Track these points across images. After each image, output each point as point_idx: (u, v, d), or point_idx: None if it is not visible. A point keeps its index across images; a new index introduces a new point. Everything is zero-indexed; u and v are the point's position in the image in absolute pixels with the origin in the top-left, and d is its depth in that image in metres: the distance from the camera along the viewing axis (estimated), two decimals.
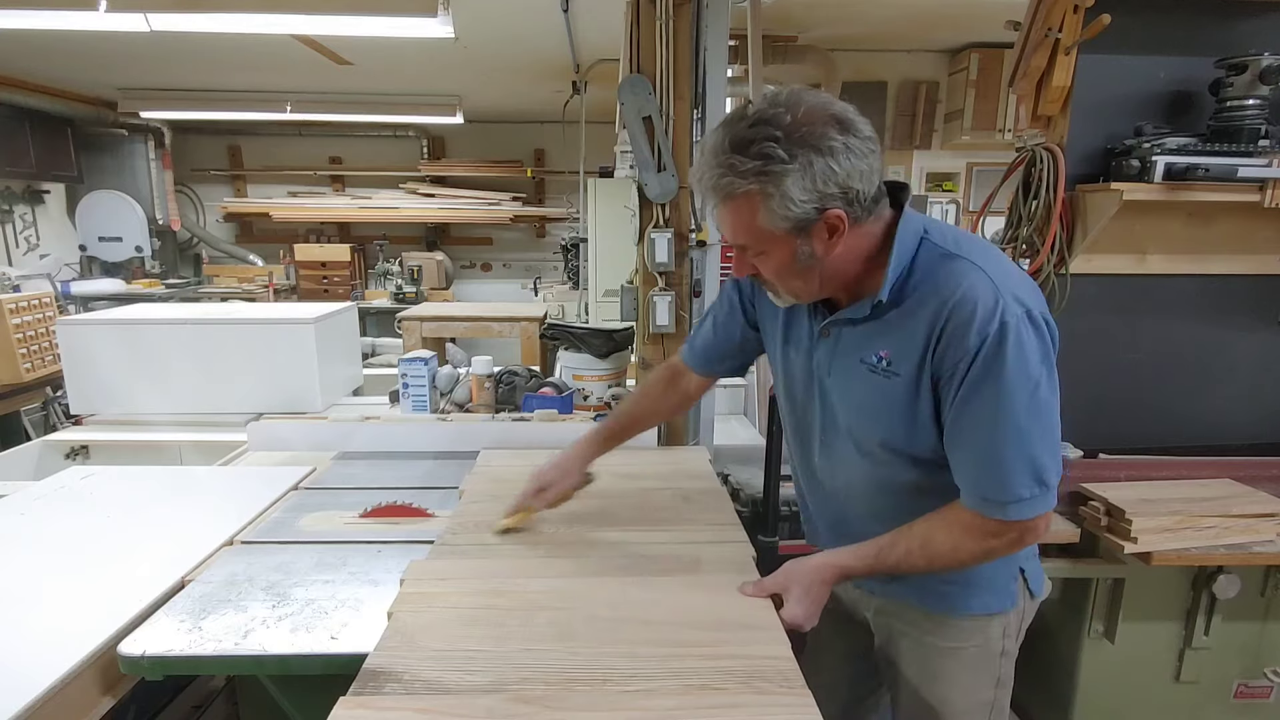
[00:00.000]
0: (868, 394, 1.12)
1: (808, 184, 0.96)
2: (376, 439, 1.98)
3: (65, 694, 1.02)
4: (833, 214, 0.99)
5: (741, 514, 1.53)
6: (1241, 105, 1.85)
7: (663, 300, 1.96)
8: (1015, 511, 1.03)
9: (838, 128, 0.97)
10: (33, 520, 1.55)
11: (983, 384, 0.99)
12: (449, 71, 4.77)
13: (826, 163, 0.96)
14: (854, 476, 1.22)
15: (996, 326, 0.97)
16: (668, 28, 1.83)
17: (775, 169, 0.96)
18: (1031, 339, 0.99)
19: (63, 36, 3.68)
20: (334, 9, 2.80)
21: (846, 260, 1.06)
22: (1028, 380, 0.98)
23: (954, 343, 1.00)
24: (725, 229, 1.07)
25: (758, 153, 0.96)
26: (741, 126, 0.98)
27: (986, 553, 1.08)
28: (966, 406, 1.02)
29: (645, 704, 0.92)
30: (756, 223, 1.00)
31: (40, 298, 3.19)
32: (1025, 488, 1.01)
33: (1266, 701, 1.99)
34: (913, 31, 4.11)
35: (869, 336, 1.10)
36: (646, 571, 1.26)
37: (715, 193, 1.02)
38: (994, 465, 1.01)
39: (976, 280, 1.00)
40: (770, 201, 0.98)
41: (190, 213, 6.84)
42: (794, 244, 1.02)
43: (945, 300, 1.01)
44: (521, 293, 7.03)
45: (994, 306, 0.98)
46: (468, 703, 0.92)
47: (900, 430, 1.10)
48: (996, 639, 1.25)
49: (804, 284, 1.09)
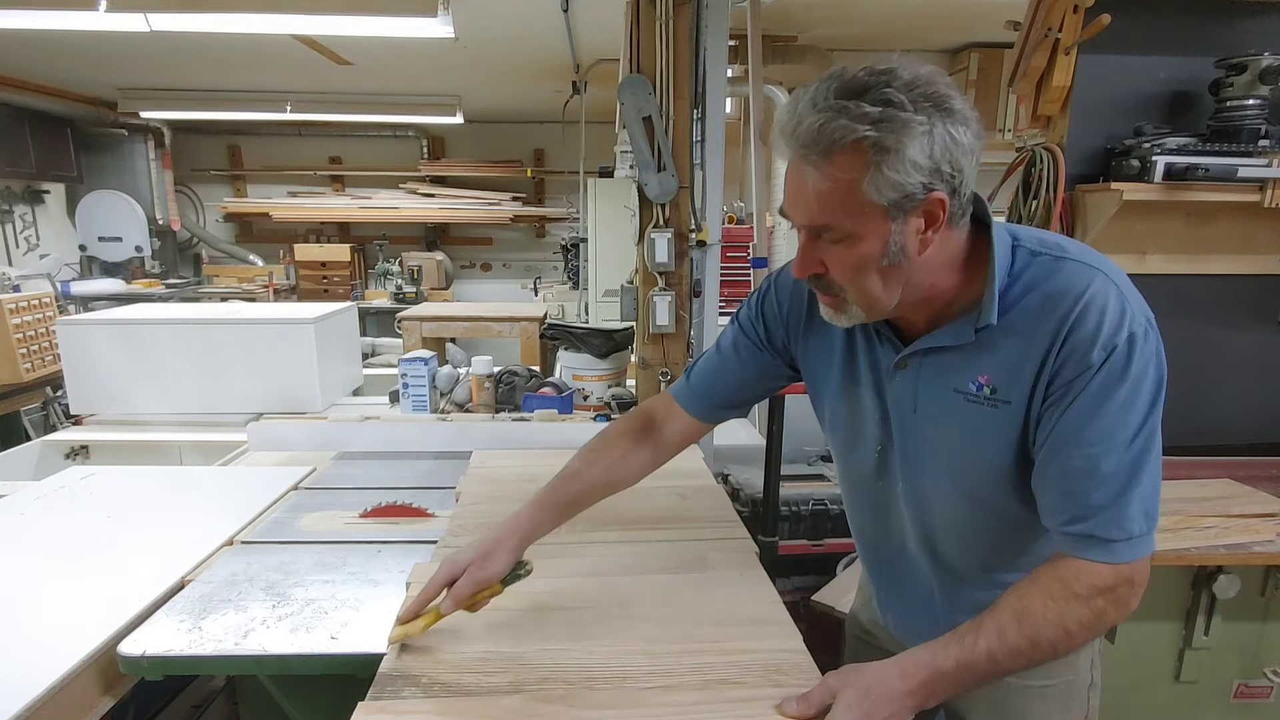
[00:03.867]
0: (971, 429, 0.94)
1: (928, 149, 0.80)
2: (376, 439, 1.98)
3: (65, 694, 1.02)
4: (936, 197, 0.83)
5: (742, 514, 1.53)
6: (1241, 105, 1.85)
7: (663, 300, 1.96)
8: (1126, 551, 0.85)
9: (959, 95, 0.83)
10: (33, 520, 1.55)
11: (1105, 403, 0.84)
12: (449, 71, 4.77)
13: (948, 130, 0.80)
14: (959, 527, 1.03)
15: (1125, 337, 0.83)
16: (668, 28, 1.83)
17: (902, 117, 0.78)
18: (1154, 352, 0.86)
19: (63, 36, 3.68)
20: (334, 9, 2.81)
21: (932, 268, 0.90)
22: (1149, 399, 0.85)
23: (1074, 357, 0.85)
24: (805, 200, 0.86)
25: (879, 98, 0.79)
26: (853, 76, 0.81)
27: (1097, 615, 0.86)
28: (1080, 429, 0.86)
29: (667, 700, 0.92)
30: (858, 190, 0.81)
31: (40, 298, 3.18)
32: (1137, 522, 0.86)
33: (1266, 701, 1.99)
34: (913, 31, 4.11)
35: (962, 362, 0.93)
36: (653, 570, 1.26)
37: (815, 144, 0.81)
38: (1110, 497, 0.85)
39: (1098, 285, 0.85)
40: (885, 160, 0.79)
41: (190, 213, 6.84)
42: (888, 230, 0.84)
43: (1065, 310, 0.85)
44: (521, 293, 7.03)
45: (1120, 315, 0.84)
46: (489, 704, 0.92)
47: (1015, 466, 0.93)
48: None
49: (884, 289, 0.89)
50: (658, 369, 2.01)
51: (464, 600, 1.04)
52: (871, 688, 0.85)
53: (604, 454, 1.21)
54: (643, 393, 2.06)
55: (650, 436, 1.22)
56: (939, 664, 0.85)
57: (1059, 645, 0.86)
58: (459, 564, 1.06)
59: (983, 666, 0.85)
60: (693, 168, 1.91)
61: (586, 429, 1.95)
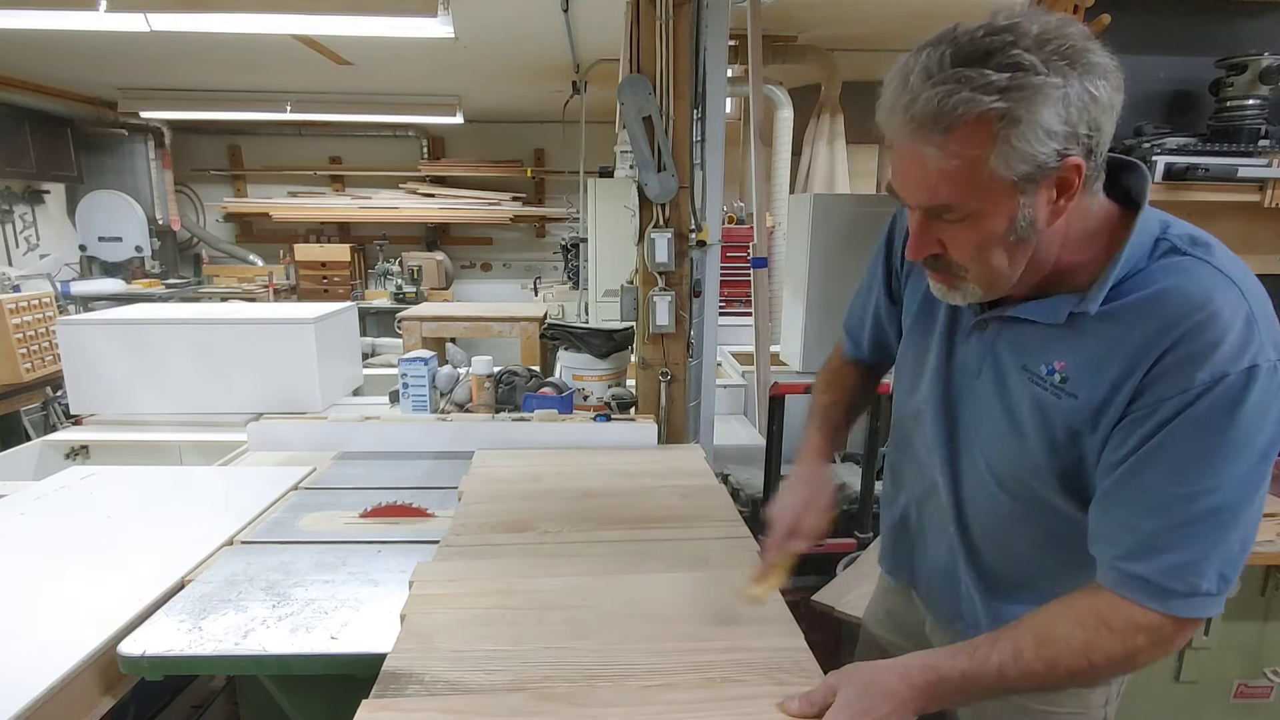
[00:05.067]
0: (1024, 412, 0.87)
1: (1063, 113, 0.71)
2: (376, 439, 1.98)
3: (65, 694, 1.02)
4: (1072, 163, 0.73)
5: (742, 514, 1.53)
6: (1241, 105, 1.85)
7: (663, 300, 1.96)
8: (1182, 606, 0.76)
9: (1095, 43, 0.73)
10: (33, 520, 1.55)
11: (1200, 434, 0.74)
12: (449, 71, 4.77)
13: (1086, 87, 0.71)
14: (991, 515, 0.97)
15: (1244, 367, 0.72)
16: (668, 28, 1.83)
17: (1035, 82, 0.70)
18: (1276, 395, 0.73)
19: (63, 36, 3.68)
20: (334, 9, 2.81)
21: (1060, 240, 0.80)
22: (1262, 447, 0.74)
23: (1174, 373, 0.74)
24: (924, 180, 0.77)
25: (1006, 63, 0.70)
26: (971, 37, 0.72)
27: (1128, 655, 0.79)
28: (1164, 457, 0.75)
29: (668, 698, 0.92)
30: (984, 166, 0.73)
31: (40, 298, 3.18)
32: (1210, 580, 0.76)
33: (1266, 701, 1.99)
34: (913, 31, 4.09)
35: (1044, 341, 0.85)
36: (654, 568, 1.27)
37: (933, 121, 0.72)
38: (1182, 543, 0.75)
39: (1229, 299, 0.74)
40: (1017, 131, 0.70)
41: (190, 213, 6.85)
42: (1016, 204, 0.75)
43: (1179, 315, 0.75)
44: (521, 293, 7.03)
45: (1245, 341, 0.72)
46: (492, 702, 0.92)
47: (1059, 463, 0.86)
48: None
49: (1009, 266, 0.80)
50: (658, 369, 2.01)
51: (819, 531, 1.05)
52: (871, 684, 0.83)
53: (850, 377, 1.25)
54: (643, 393, 2.06)
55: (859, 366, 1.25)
56: (944, 671, 0.81)
57: (1080, 675, 0.79)
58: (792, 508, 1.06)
59: (991, 681, 0.80)
60: (693, 168, 1.91)
61: (586, 429, 1.95)
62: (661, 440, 2.00)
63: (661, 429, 2.01)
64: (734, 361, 3.14)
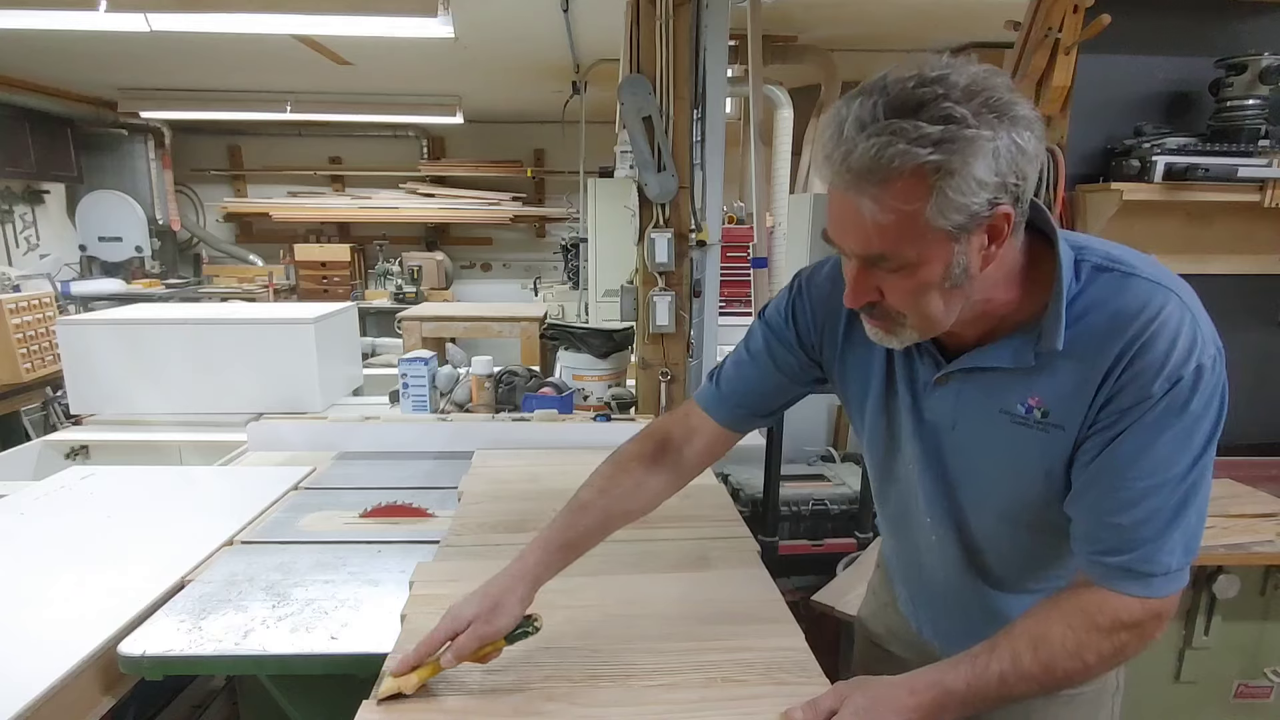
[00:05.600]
0: (1016, 452, 0.89)
1: (994, 165, 0.73)
2: (376, 439, 1.98)
3: (65, 694, 1.02)
4: (1001, 212, 0.76)
5: (742, 514, 1.53)
6: (1241, 105, 1.85)
7: (663, 300, 1.96)
8: (1163, 586, 0.83)
9: (1020, 96, 0.76)
10: (33, 520, 1.55)
11: (1160, 436, 0.80)
12: (449, 71, 4.77)
13: (1013, 138, 0.73)
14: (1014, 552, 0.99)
15: (1193, 369, 0.78)
16: (668, 28, 1.83)
17: (966, 134, 0.71)
18: (1218, 385, 0.81)
19: (63, 36, 3.67)
20: (334, 9, 2.80)
21: (991, 283, 0.84)
22: (1207, 435, 0.81)
23: (1134, 385, 0.80)
24: (860, 230, 0.78)
25: (939, 114, 0.71)
26: (903, 88, 0.73)
27: (1117, 649, 0.84)
28: (1131, 461, 0.82)
29: (670, 698, 0.93)
30: (920, 218, 0.74)
31: (40, 298, 3.19)
32: (1177, 557, 0.82)
33: (1266, 701, 1.99)
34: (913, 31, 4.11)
35: (1011, 381, 0.88)
36: (656, 568, 1.27)
37: (871, 173, 0.73)
38: (1154, 532, 0.82)
39: (1171, 308, 0.80)
40: (951, 183, 0.72)
41: (190, 213, 6.84)
42: (951, 252, 0.78)
43: (1134, 333, 0.80)
44: (521, 293, 7.02)
45: (1191, 345, 0.79)
46: (493, 702, 0.92)
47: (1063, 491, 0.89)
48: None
49: (944, 311, 0.83)
50: (658, 369, 2.01)
51: (467, 657, 0.93)
52: (879, 699, 0.84)
53: (616, 482, 1.10)
54: (643, 393, 2.06)
55: (667, 458, 1.12)
56: (948, 684, 0.84)
57: (1075, 676, 0.84)
58: (462, 618, 0.95)
59: (993, 690, 0.83)
60: (693, 168, 1.91)
61: (586, 429, 1.95)
62: None
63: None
64: None
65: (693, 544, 1.35)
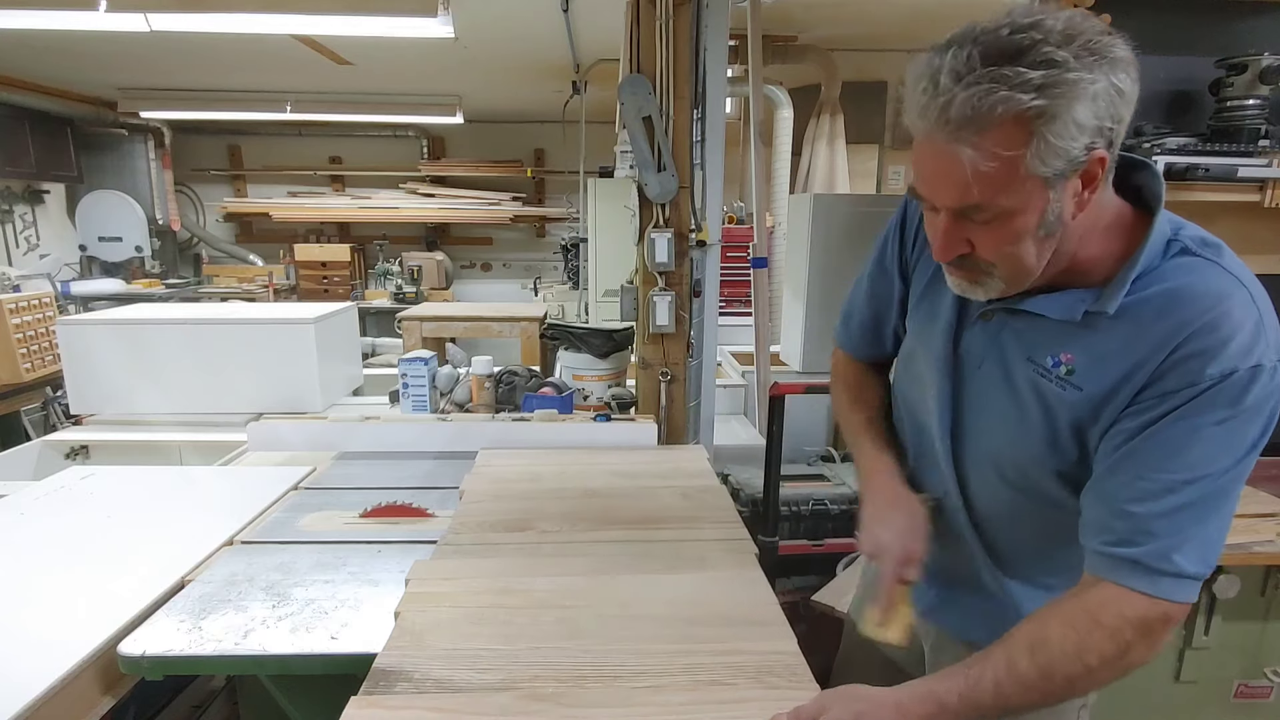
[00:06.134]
0: (1029, 404, 0.88)
1: (1094, 108, 0.72)
2: (376, 439, 1.98)
3: (65, 694, 1.02)
4: (1097, 156, 0.75)
5: (742, 514, 1.53)
6: (1241, 105, 1.85)
7: (663, 300, 1.96)
8: (1171, 588, 0.78)
9: (1117, 38, 0.75)
10: (33, 520, 1.55)
11: (1201, 425, 0.77)
12: (449, 71, 4.77)
13: (1112, 80, 0.72)
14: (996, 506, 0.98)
15: (1250, 365, 0.75)
16: (668, 28, 1.83)
17: (1069, 78, 0.70)
18: (1275, 393, 0.77)
19: (63, 36, 3.67)
20: (334, 9, 2.81)
21: (1081, 233, 0.82)
22: (1252, 440, 0.78)
23: (1183, 368, 0.77)
24: (957, 181, 0.76)
25: (1039, 60, 0.70)
26: (996, 36, 0.72)
27: (1121, 650, 0.79)
28: (1162, 444, 0.78)
29: (657, 699, 0.92)
30: (1021, 164, 0.73)
31: (40, 298, 3.19)
32: (1192, 562, 0.78)
33: (1266, 701, 1.99)
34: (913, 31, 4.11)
35: (1051, 334, 0.86)
36: (651, 569, 1.26)
37: (969, 122, 0.72)
38: (1171, 524, 0.78)
39: (1239, 300, 0.77)
40: (1053, 128, 0.71)
41: (190, 213, 6.85)
42: (1047, 199, 0.76)
43: (1193, 314, 0.77)
44: (521, 293, 7.03)
45: (1254, 341, 0.76)
46: (480, 700, 0.92)
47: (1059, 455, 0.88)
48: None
49: (1035, 259, 0.81)
50: (658, 369, 2.01)
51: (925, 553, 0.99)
52: (864, 715, 0.79)
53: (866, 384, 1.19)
54: (643, 393, 2.06)
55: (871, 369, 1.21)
56: (940, 696, 0.79)
57: (1077, 682, 0.79)
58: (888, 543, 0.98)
59: (989, 700, 0.78)
60: (693, 168, 1.91)
61: (586, 429, 1.95)
62: (661, 440, 2.00)
63: (661, 429, 2.01)
64: (734, 361, 3.14)
65: (690, 545, 1.35)
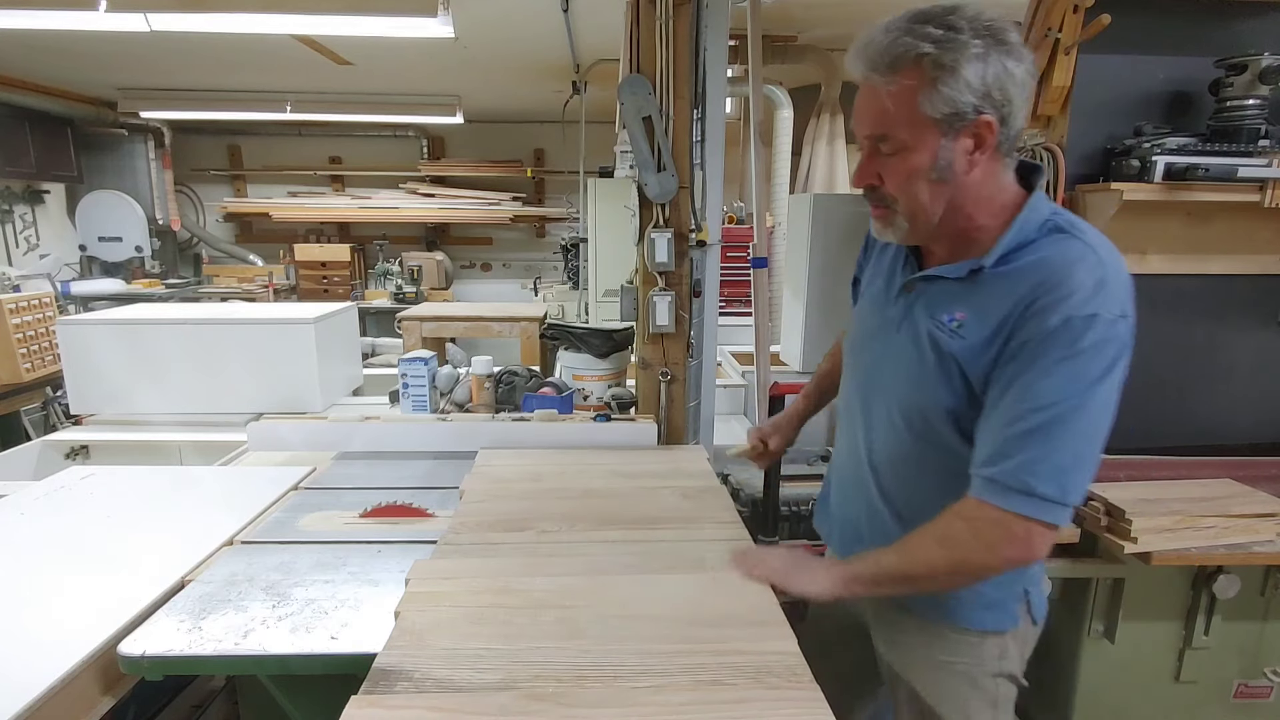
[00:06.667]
0: (927, 352, 1.05)
1: (981, 73, 0.90)
2: (376, 439, 1.98)
3: (65, 694, 1.02)
4: (985, 120, 0.93)
5: (741, 514, 1.53)
6: (1241, 105, 1.85)
7: (663, 300, 1.96)
8: (1021, 503, 0.93)
9: (1018, 34, 0.94)
10: (33, 520, 1.55)
11: (1046, 361, 0.92)
12: (449, 71, 4.77)
13: (1003, 62, 0.91)
14: (898, 455, 1.14)
15: (1086, 314, 0.91)
16: (668, 28, 1.83)
17: (961, 39, 0.90)
18: (1110, 343, 0.91)
19: (63, 36, 3.68)
20: (334, 9, 2.80)
21: (975, 197, 1.00)
22: (1091, 379, 0.91)
23: (1036, 319, 0.93)
24: (871, 111, 0.97)
25: (945, 23, 0.91)
26: (925, 7, 0.93)
27: (979, 544, 0.97)
28: (1019, 376, 0.94)
29: (657, 700, 0.92)
30: (915, 102, 0.92)
31: (40, 298, 3.19)
32: (1043, 484, 0.92)
33: (1266, 701, 1.99)
34: None
35: (951, 297, 1.04)
36: (651, 569, 1.26)
37: (882, 59, 0.93)
38: (1021, 447, 0.93)
39: (1087, 264, 0.93)
40: (941, 77, 0.91)
41: (190, 213, 6.85)
42: (939, 144, 0.95)
43: (1047, 275, 0.94)
44: (521, 293, 7.03)
45: (1092, 295, 0.91)
46: (480, 700, 0.92)
47: (950, 397, 1.03)
48: (992, 660, 1.18)
49: (929, 201, 0.99)
50: (658, 369, 2.01)
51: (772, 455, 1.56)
52: (800, 559, 1.11)
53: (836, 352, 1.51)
54: (643, 393, 2.06)
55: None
56: (853, 562, 1.07)
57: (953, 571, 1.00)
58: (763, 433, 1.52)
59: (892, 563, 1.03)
60: (693, 168, 1.91)
61: (586, 429, 1.95)
62: (661, 440, 2.00)
63: (661, 429, 2.01)
64: (734, 361, 3.14)
65: (690, 546, 1.35)
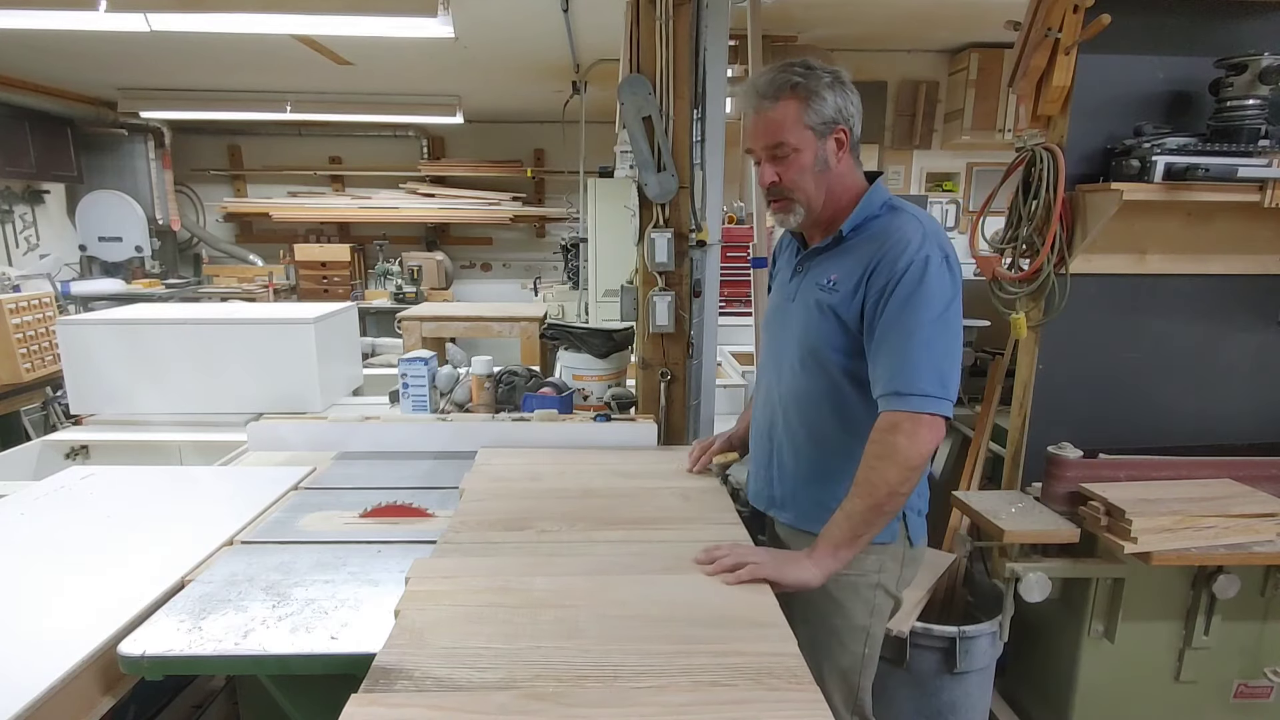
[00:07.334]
0: (817, 309, 1.37)
1: (834, 99, 1.31)
2: (376, 439, 1.98)
3: (65, 694, 1.02)
4: (841, 129, 1.34)
5: (741, 514, 1.53)
6: (1241, 105, 1.85)
7: (662, 300, 1.96)
8: (919, 404, 1.23)
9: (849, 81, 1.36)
10: (33, 520, 1.55)
11: (902, 298, 1.26)
12: (449, 71, 4.77)
13: (844, 94, 1.33)
14: (801, 398, 1.43)
15: (923, 257, 1.26)
16: (668, 28, 1.83)
17: (822, 75, 1.31)
18: (944, 274, 1.27)
19: (63, 36, 3.68)
20: (334, 9, 2.81)
21: (842, 186, 1.38)
22: (937, 303, 1.25)
23: (886, 266, 1.28)
24: (769, 126, 1.33)
25: (805, 65, 1.32)
26: (789, 62, 1.33)
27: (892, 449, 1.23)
28: (888, 316, 1.27)
29: (657, 700, 0.92)
30: (800, 117, 1.30)
31: (40, 298, 3.19)
32: (928, 381, 1.24)
33: (1266, 701, 1.99)
34: (913, 31, 4.11)
35: (828, 264, 1.39)
36: (651, 570, 1.26)
37: (769, 89, 1.31)
38: (905, 363, 1.25)
39: (913, 227, 1.31)
40: (812, 100, 1.30)
41: (190, 213, 6.84)
42: (816, 146, 1.33)
43: (888, 237, 1.31)
44: (521, 293, 7.03)
45: (920, 244, 1.28)
46: (480, 699, 0.92)
47: (835, 336, 1.35)
48: (872, 571, 1.42)
49: (814, 188, 1.36)
50: (658, 369, 2.02)
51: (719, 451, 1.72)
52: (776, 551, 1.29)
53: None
54: (643, 393, 2.06)
55: None
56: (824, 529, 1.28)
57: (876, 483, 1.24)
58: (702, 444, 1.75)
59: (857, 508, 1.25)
60: (693, 168, 1.91)
61: (586, 429, 1.95)
62: (661, 440, 2.00)
63: (661, 429, 2.01)
64: (734, 361, 3.14)
65: (690, 546, 1.35)
